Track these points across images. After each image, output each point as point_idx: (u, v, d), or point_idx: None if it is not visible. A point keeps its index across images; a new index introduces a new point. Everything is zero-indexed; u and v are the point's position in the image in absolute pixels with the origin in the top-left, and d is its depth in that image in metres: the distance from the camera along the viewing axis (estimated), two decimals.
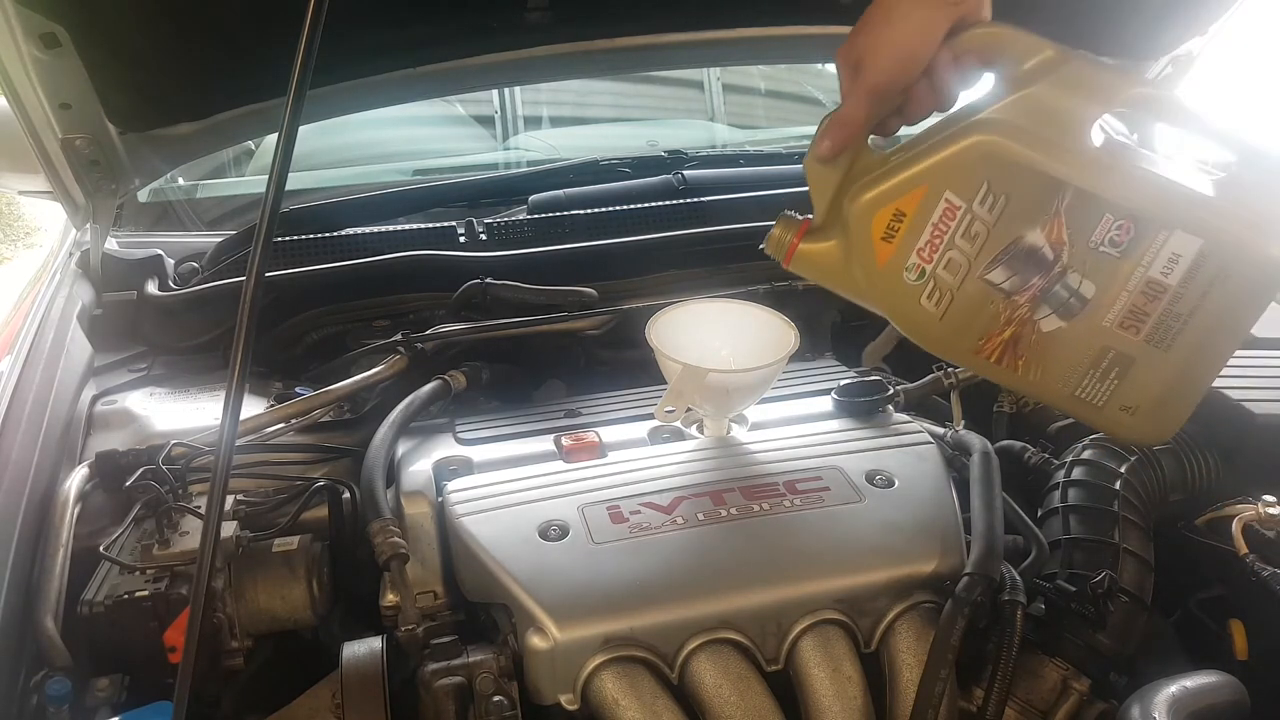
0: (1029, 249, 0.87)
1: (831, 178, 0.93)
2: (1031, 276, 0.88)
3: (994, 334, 0.91)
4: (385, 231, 1.68)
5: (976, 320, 0.91)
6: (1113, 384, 0.89)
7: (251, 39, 1.37)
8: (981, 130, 0.85)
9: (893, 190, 0.89)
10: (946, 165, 0.87)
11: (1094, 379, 0.90)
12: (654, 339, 1.13)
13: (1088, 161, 0.84)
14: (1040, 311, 0.89)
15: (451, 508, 1.02)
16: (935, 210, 0.88)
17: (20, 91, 1.32)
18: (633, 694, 0.89)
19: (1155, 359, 0.87)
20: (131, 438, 1.24)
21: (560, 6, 1.57)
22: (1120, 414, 0.91)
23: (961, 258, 0.89)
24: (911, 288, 0.91)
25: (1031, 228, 0.86)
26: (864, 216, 0.90)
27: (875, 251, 0.91)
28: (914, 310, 0.92)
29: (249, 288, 0.74)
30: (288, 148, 0.75)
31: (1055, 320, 0.89)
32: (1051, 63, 0.84)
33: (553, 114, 2.54)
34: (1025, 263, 0.88)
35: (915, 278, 0.90)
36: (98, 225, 1.55)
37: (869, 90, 0.87)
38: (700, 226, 1.69)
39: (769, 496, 1.03)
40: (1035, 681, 0.98)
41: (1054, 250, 0.86)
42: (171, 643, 0.94)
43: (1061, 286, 0.87)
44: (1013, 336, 0.90)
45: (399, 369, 1.33)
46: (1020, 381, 0.93)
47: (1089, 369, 0.90)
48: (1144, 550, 1.05)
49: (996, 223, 0.87)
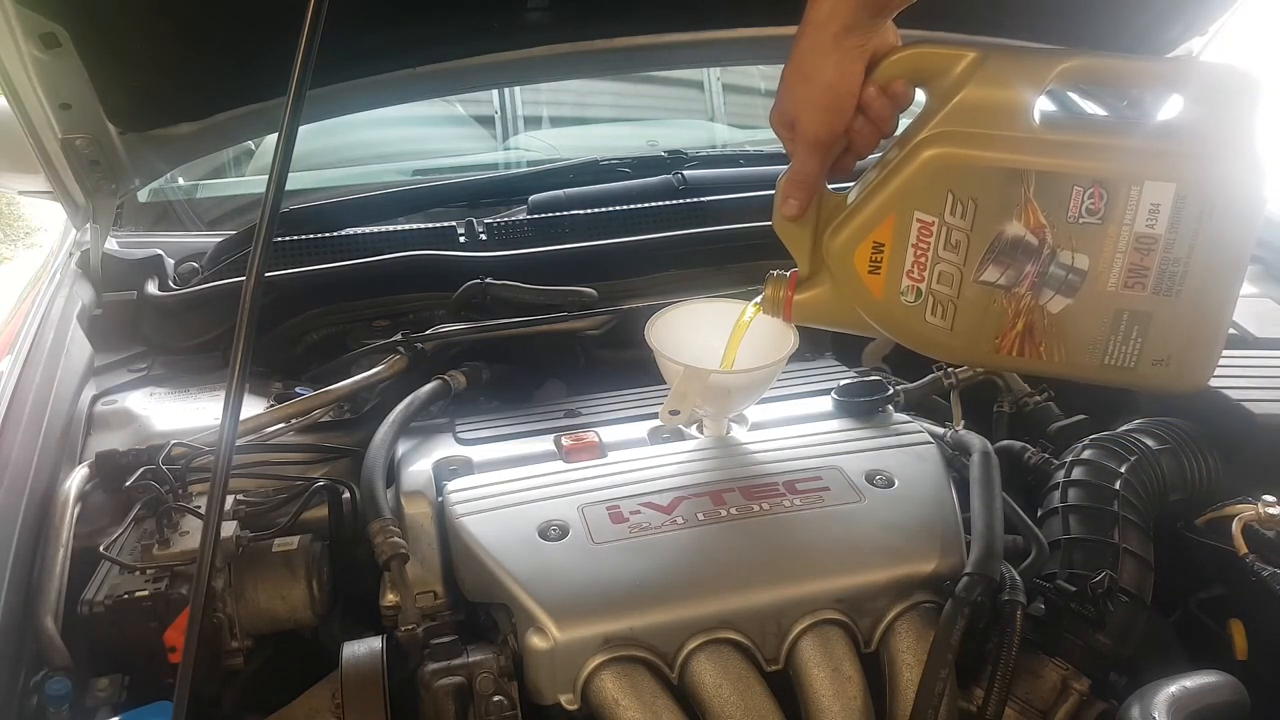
0: (1013, 241, 0.88)
1: (804, 231, 0.96)
2: (1024, 266, 0.89)
3: (1007, 330, 0.91)
4: (385, 231, 1.68)
5: (986, 322, 0.91)
6: (1137, 343, 0.90)
7: (251, 39, 1.37)
8: (928, 146, 0.87)
9: (864, 226, 0.91)
10: (906, 189, 0.88)
11: (1117, 343, 0.90)
12: (653, 340, 1.13)
13: (1037, 143, 0.85)
14: (1044, 296, 0.89)
15: (451, 508, 1.02)
16: (911, 232, 0.89)
17: (20, 91, 1.32)
18: (633, 694, 0.89)
19: (1170, 307, 0.88)
20: (131, 438, 1.24)
21: (560, 6, 1.57)
22: (1154, 369, 0.91)
23: (951, 268, 0.90)
24: (913, 309, 0.92)
25: (1008, 221, 0.87)
26: (845, 256, 0.92)
27: (867, 286, 0.92)
28: (923, 329, 0.93)
29: (249, 288, 0.74)
30: (288, 148, 0.75)
31: (1061, 300, 0.89)
32: (976, 63, 0.86)
33: (553, 114, 2.54)
34: (1014, 255, 0.88)
35: (913, 299, 0.92)
36: (98, 225, 1.55)
37: (810, 145, 0.90)
38: (700, 226, 1.69)
39: (769, 496, 1.03)
40: (1035, 681, 0.98)
41: (1037, 235, 0.87)
42: (171, 643, 0.94)
43: (1056, 267, 0.88)
44: (1025, 327, 0.91)
45: (399, 369, 1.33)
46: (1049, 366, 0.93)
47: (1110, 335, 0.90)
48: (1144, 550, 1.05)
49: (973, 227, 0.88)
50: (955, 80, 0.86)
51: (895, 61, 0.87)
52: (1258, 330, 1.37)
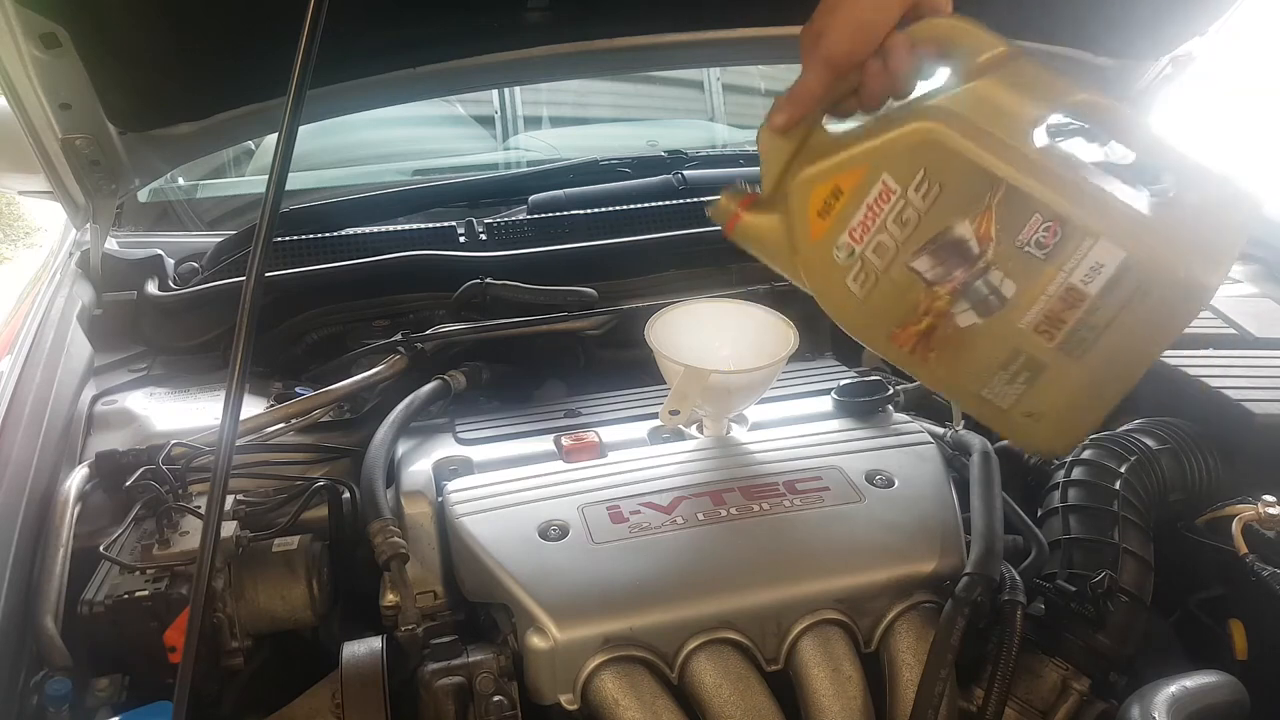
0: (956, 240, 0.86)
1: (783, 151, 0.93)
2: (955, 268, 0.87)
3: (911, 323, 0.90)
4: (385, 231, 1.68)
5: (896, 307, 0.90)
6: (1020, 388, 0.88)
7: (251, 39, 1.37)
8: (925, 117, 0.86)
9: (834, 167, 0.89)
10: (887, 148, 0.87)
11: (1002, 380, 0.89)
12: (653, 340, 1.13)
13: (1024, 159, 0.83)
14: (959, 305, 0.88)
15: (451, 508, 1.03)
16: (871, 191, 0.87)
17: (20, 91, 1.32)
18: (633, 694, 0.89)
19: (1066, 367, 0.86)
20: (131, 438, 1.24)
21: (560, 6, 1.57)
22: (1023, 419, 0.89)
23: (890, 242, 0.88)
24: (839, 267, 0.90)
25: (961, 220, 0.85)
26: (804, 190, 0.91)
27: (810, 226, 0.91)
28: (839, 290, 0.91)
29: (249, 288, 0.74)
30: (288, 148, 0.75)
31: (972, 316, 0.88)
32: (1003, 59, 0.85)
33: (553, 114, 2.55)
34: (950, 254, 0.87)
35: (845, 256, 0.90)
36: (98, 225, 1.55)
37: (825, 60, 0.89)
38: (700, 227, 1.68)
39: (769, 496, 1.03)
40: (1035, 681, 0.98)
41: (980, 245, 0.85)
42: (171, 643, 0.94)
43: (983, 282, 0.86)
44: (929, 328, 0.89)
45: (399, 369, 1.33)
46: (930, 374, 0.92)
47: (999, 370, 0.89)
48: (1144, 550, 1.05)
49: (929, 211, 0.86)
50: (978, 67, 0.85)
51: (933, 24, 0.86)
52: (1257, 330, 1.37)
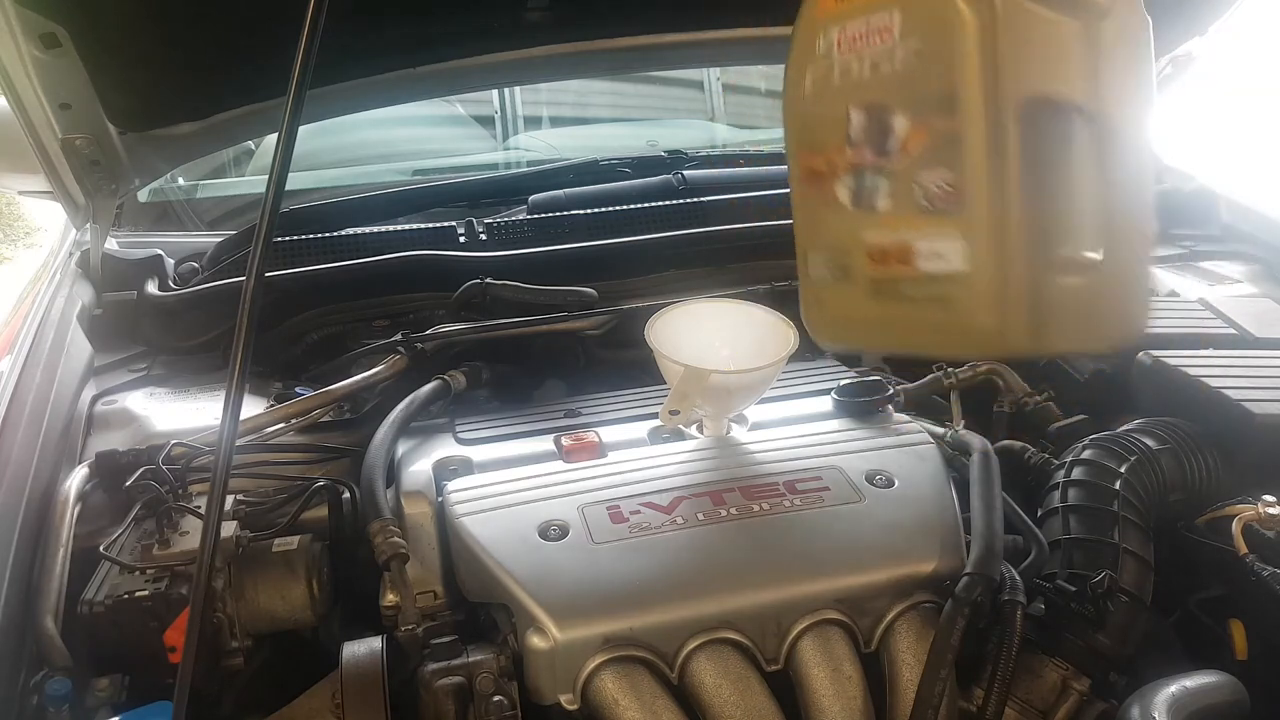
0: (886, 124, 0.83)
1: None
2: (868, 147, 0.85)
3: (816, 154, 0.90)
4: (385, 231, 1.69)
5: (819, 130, 0.90)
6: (827, 277, 0.92)
7: (251, 39, 1.37)
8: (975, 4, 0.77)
9: None
10: None
11: (823, 261, 0.92)
12: (653, 340, 1.13)
13: (998, 119, 0.77)
14: (845, 179, 0.88)
15: (451, 508, 1.02)
16: (878, 15, 0.83)
17: (20, 91, 1.32)
18: (633, 694, 0.89)
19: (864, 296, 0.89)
20: (131, 438, 1.24)
21: (560, 6, 1.57)
22: (813, 299, 0.96)
23: (855, 73, 0.85)
24: (814, 56, 0.89)
25: (906, 112, 0.82)
26: None
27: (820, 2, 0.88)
28: (799, 78, 0.91)
29: (249, 288, 0.74)
30: (288, 148, 0.75)
31: (846, 195, 0.88)
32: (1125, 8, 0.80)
33: (553, 114, 2.55)
34: (875, 133, 0.84)
35: (823, 49, 0.88)
36: (98, 225, 1.55)
37: None
38: (700, 226, 1.69)
39: (769, 496, 1.03)
40: (1035, 681, 0.98)
41: (898, 148, 0.82)
42: (171, 643, 0.94)
43: (871, 179, 0.85)
44: (818, 172, 0.90)
45: (399, 369, 1.33)
46: (795, 202, 0.95)
47: (827, 250, 0.92)
48: (1144, 550, 1.05)
49: (898, 77, 0.82)
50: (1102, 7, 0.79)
51: None
52: (1258, 330, 1.37)
